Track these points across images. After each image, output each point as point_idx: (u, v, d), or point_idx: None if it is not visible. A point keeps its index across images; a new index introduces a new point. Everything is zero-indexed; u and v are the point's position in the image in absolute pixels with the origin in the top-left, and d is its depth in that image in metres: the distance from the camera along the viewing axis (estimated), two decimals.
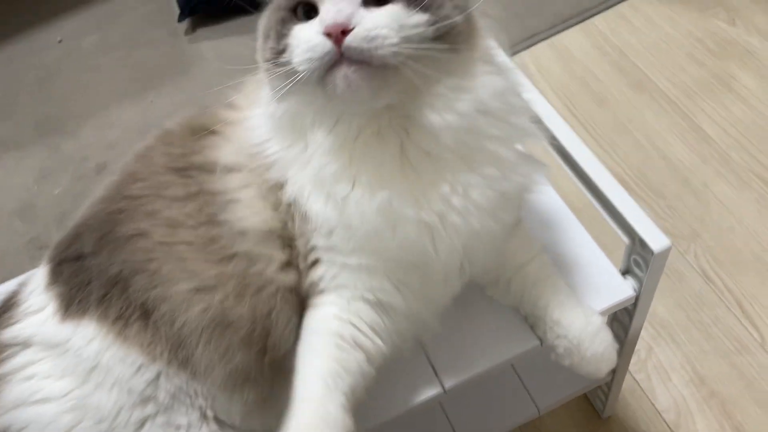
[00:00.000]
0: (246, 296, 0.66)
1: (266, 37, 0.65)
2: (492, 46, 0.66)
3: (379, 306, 0.68)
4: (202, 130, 0.73)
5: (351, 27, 0.55)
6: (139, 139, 0.79)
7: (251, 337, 0.67)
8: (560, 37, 1.68)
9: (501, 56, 0.67)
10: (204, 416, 0.67)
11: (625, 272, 0.79)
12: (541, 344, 0.78)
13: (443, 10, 0.58)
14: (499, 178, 0.64)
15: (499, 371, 0.79)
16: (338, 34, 0.54)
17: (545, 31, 1.68)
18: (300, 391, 0.63)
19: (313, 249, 0.67)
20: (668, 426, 1.11)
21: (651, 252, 0.70)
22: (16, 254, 1.50)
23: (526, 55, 1.66)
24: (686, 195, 1.36)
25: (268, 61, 0.63)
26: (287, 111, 0.64)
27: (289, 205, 0.66)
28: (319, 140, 0.63)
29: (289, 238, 0.69)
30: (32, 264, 0.78)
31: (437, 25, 0.57)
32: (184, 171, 0.71)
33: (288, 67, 0.59)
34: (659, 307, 1.22)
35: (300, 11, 0.61)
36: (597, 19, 1.70)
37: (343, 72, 0.55)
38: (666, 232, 1.30)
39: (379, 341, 0.67)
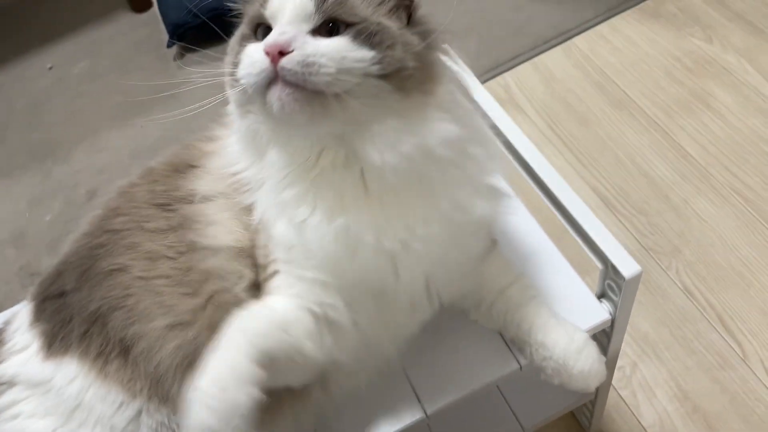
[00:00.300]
0: (219, 328, 0.65)
1: (229, 52, 0.68)
2: (453, 91, 0.66)
3: (324, 321, 0.67)
4: (184, 167, 0.76)
5: (290, 50, 0.57)
6: (129, 163, 0.82)
7: None
8: (542, 57, 1.71)
9: (466, 104, 0.68)
10: None
11: (601, 296, 0.81)
12: (521, 368, 0.79)
13: (393, 51, 0.59)
14: (456, 212, 0.65)
15: (482, 394, 0.81)
16: (275, 54, 0.56)
17: (527, 52, 1.71)
18: (219, 343, 0.60)
19: (273, 261, 0.68)
20: None
21: (623, 278, 0.72)
22: (7, 281, 1.51)
23: (509, 76, 1.69)
24: (667, 212, 1.38)
25: (227, 75, 0.66)
26: (248, 128, 0.66)
27: (258, 223, 0.68)
28: (274, 159, 0.65)
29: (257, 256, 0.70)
30: (24, 291, 0.79)
31: (382, 65, 0.58)
32: (166, 206, 0.73)
33: (239, 83, 0.61)
34: (643, 324, 1.24)
35: (259, 31, 0.63)
36: (577, 40, 1.73)
37: (277, 92, 0.57)
38: (648, 248, 1.34)
39: (310, 347, 0.66)
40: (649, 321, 1.25)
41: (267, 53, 0.57)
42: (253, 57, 0.59)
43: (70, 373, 0.67)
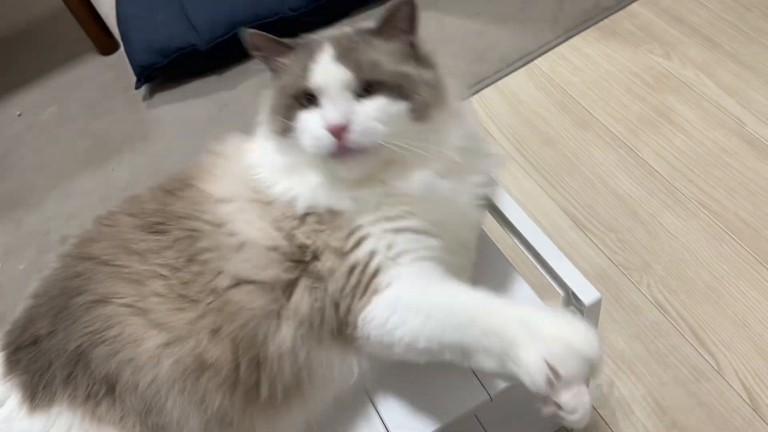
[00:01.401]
0: (224, 329, 0.69)
1: (274, 113, 0.77)
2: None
3: (439, 262, 0.74)
4: (178, 187, 0.79)
5: (348, 124, 0.68)
6: (100, 207, 0.82)
7: (235, 376, 0.69)
8: (506, 80, 1.74)
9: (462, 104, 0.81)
10: None
11: None
12: (491, 399, 0.80)
13: (420, 95, 0.72)
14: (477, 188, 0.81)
15: (455, 426, 0.81)
16: (339, 131, 0.68)
17: (491, 76, 1.73)
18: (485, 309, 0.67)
19: (357, 228, 0.73)
20: None
21: (583, 304, 0.73)
22: None
23: (474, 101, 1.71)
24: (636, 228, 1.40)
25: (276, 133, 0.76)
26: (291, 162, 0.76)
27: (303, 216, 0.74)
28: (318, 179, 0.76)
29: (297, 254, 0.73)
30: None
31: (415, 110, 0.72)
32: (159, 224, 0.75)
33: (295, 142, 0.73)
34: (618, 341, 1.25)
35: (302, 98, 0.72)
36: (539, 61, 1.76)
37: (344, 161, 0.71)
38: (619, 265, 1.35)
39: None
40: (623, 338, 1.26)
41: (331, 132, 0.68)
42: (315, 133, 0.70)
43: (64, 424, 0.66)
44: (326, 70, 0.70)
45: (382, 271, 0.72)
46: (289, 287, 0.72)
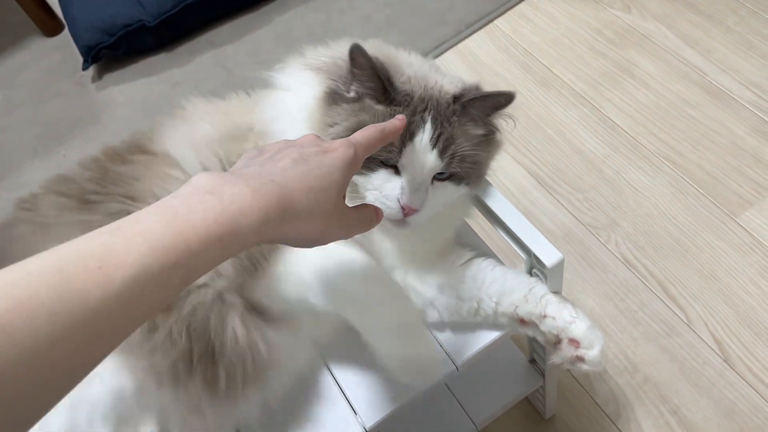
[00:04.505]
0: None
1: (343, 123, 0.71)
2: None
3: None
4: (127, 151, 0.79)
5: (419, 209, 0.70)
6: None
7: (190, 365, 0.68)
8: (466, 43, 1.70)
9: None
10: None
11: None
12: (457, 369, 0.78)
13: (480, 177, 0.75)
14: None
15: (424, 399, 0.79)
16: (409, 209, 0.69)
17: (451, 39, 1.69)
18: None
19: None
20: (609, 418, 1.13)
21: (545, 266, 0.71)
22: None
23: None
24: (602, 185, 1.39)
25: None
26: None
27: None
28: None
29: None
30: None
31: (470, 188, 0.74)
32: (93, 194, 0.75)
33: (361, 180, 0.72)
34: (588, 300, 1.25)
35: (382, 159, 0.70)
36: (499, 21, 1.72)
37: (400, 226, 0.72)
38: (586, 224, 1.34)
39: None
40: (593, 297, 1.25)
41: (402, 208, 0.69)
42: (387, 198, 0.70)
43: None
44: (422, 156, 0.69)
45: None
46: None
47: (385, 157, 0.68)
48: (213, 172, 0.48)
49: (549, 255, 0.71)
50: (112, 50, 1.82)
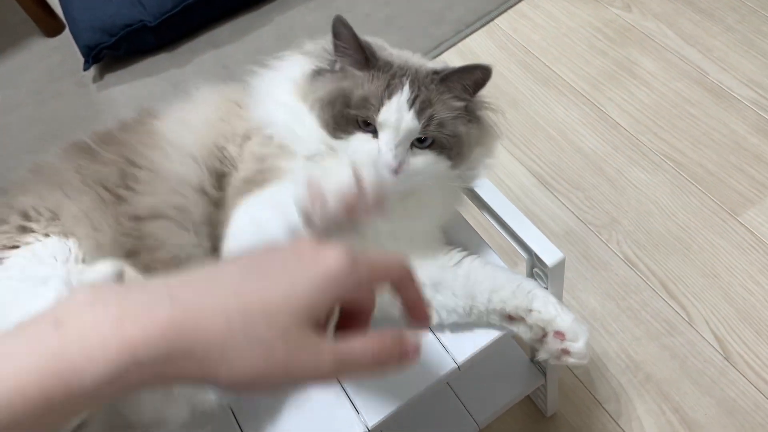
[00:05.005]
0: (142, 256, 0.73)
1: (325, 107, 0.74)
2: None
3: None
4: (132, 122, 0.85)
5: (398, 169, 0.71)
6: None
7: None
8: (466, 42, 1.70)
9: None
10: None
11: None
12: (459, 368, 0.78)
13: (464, 155, 0.76)
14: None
15: (425, 398, 0.79)
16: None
17: (451, 38, 1.69)
18: None
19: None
20: (610, 416, 1.13)
21: (547, 266, 0.71)
22: None
23: None
24: (603, 184, 1.39)
25: (325, 127, 0.74)
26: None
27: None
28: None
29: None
30: None
31: (455, 166, 0.76)
32: (93, 149, 0.81)
33: (340, 144, 0.74)
34: (590, 299, 1.25)
35: (362, 121, 0.73)
36: (499, 20, 1.72)
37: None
38: (587, 222, 1.34)
39: None
40: (594, 296, 1.25)
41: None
42: (369, 157, 0.71)
43: None
44: (399, 114, 0.71)
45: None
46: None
47: (363, 115, 0.71)
48: (96, 285, 0.36)
49: (550, 254, 0.71)
50: (113, 50, 1.82)
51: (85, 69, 1.84)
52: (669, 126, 1.44)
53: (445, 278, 0.80)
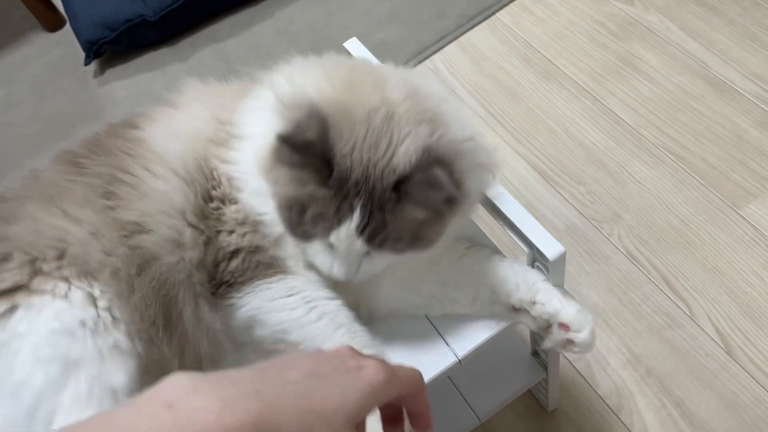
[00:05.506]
0: (144, 274, 0.70)
1: (287, 209, 0.71)
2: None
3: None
4: (121, 126, 0.80)
5: (352, 276, 0.71)
6: None
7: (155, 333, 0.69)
8: (468, 35, 1.69)
9: None
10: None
11: None
12: (459, 361, 0.78)
13: (423, 246, 0.71)
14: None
15: (429, 390, 0.79)
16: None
17: (453, 32, 1.69)
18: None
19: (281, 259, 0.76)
20: (611, 410, 1.13)
21: (548, 259, 0.71)
22: None
23: (437, 59, 1.67)
24: (604, 178, 1.39)
25: (285, 225, 0.72)
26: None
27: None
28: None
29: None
30: None
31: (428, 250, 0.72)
32: (83, 158, 0.75)
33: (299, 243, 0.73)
34: (591, 294, 1.25)
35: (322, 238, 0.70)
36: (501, 14, 1.71)
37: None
38: (589, 217, 1.34)
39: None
40: (596, 290, 1.25)
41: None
42: (323, 267, 0.72)
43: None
44: (348, 241, 0.68)
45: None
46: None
47: (315, 233, 0.69)
48: (192, 373, 0.42)
49: (551, 248, 0.71)
50: (114, 45, 1.82)
51: (86, 64, 1.84)
52: (671, 120, 1.44)
53: (451, 273, 0.80)
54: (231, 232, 0.74)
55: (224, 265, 0.74)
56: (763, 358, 1.13)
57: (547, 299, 0.75)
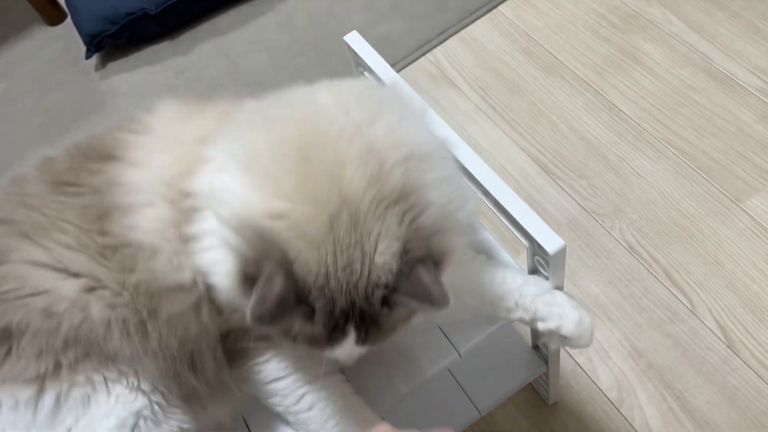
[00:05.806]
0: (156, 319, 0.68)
1: (276, 335, 0.68)
2: None
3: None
4: (101, 156, 0.72)
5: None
6: None
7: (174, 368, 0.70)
8: (470, 29, 1.69)
9: None
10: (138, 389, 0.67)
11: (532, 272, 0.80)
12: (460, 356, 0.78)
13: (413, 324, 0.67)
14: None
15: (429, 385, 0.79)
16: None
17: (454, 26, 1.68)
18: None
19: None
20: (612, 403, 1.13)
21: (548, 253, 0.71)
22: None
23: (438, 52, 1.66)
24: (606, 172, 1.38)
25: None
26: None
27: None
28: None
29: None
30: None
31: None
32: (71, 185, 0.70)
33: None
34: (592, 287, 1.25)
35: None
36: (503, 7, 1.71)
37: None
38: (590, 211, 1.34)
39: None
40: (597, 283, 1.25)
41: None
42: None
43: None
44: (350, 352, 0.65)
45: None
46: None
47: (317, 347, 0.65)
48: None
49: (551, 242, 0.71)
50: (115, 39, 1.81)
51: (87, 57, 1.84)
52: (673, 113, 1.43)
53: (453, 284, 0.79)
54: (219, 312, 0.71)
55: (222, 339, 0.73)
56: (764, 352, 1.13)
57: (547, 315, 0.76)
